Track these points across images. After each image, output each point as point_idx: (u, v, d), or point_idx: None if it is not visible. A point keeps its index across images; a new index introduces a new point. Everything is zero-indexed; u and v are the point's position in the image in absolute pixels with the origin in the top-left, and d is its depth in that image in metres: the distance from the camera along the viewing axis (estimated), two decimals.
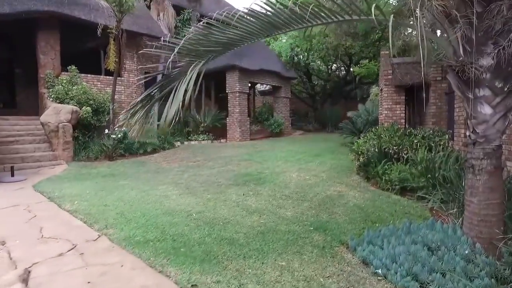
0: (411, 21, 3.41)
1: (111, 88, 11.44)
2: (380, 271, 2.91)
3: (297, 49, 16.21)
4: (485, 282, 2.47)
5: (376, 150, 6.64)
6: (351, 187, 6.11)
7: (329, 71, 20.71)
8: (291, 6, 2.71)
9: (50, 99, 9.81)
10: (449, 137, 6.79)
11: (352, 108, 12.51)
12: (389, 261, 2.92)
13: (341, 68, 21.16)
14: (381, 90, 9.73)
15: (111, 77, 11.16)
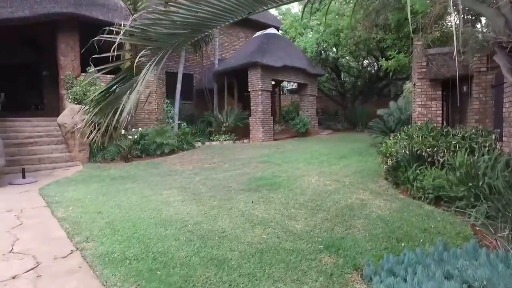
0: None
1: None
2: None
3: (323, 44, 15.32)
4: None
5: (407, 152, 5.78)
6: (376, 194, 5.33)
7: (360, 67, 19.55)
8: None
9: (69, 100, 9.78)
10: (497, 138, 5.76)
11: (385, 106, 11.52)
12: None
13: (373, 64, 19.92)
14: (414, 85, 8.74)
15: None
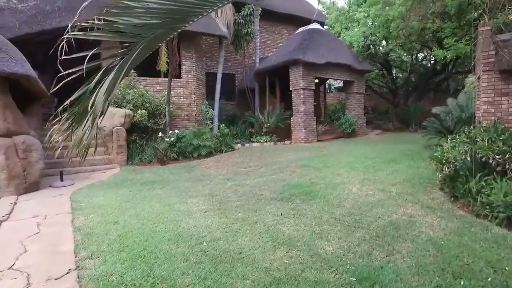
0: None
1: (172, 90, 11.33)
2: None
3: (371, 37, 14.16)
4: None
5: (468, 158, 4.84)
6: (428, 209, 4.48)
7: (413, 61, 17.90)
8: None
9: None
10: None
11: (443, 104, 10.22)
12: None
13: (429, 57, 18.16)
14: (479, 78, 7.50)
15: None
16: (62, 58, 2.03)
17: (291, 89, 13.16)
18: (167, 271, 2.96)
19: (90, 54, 1.86)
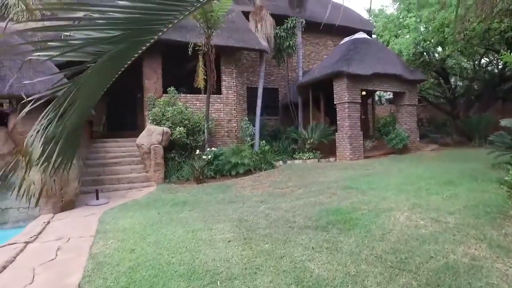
0: None
1: (211, 107, 11.26)
2: None
3: (423, 43, 12.97)
4: None
5: None
6: (499, 250, 3.59)
7: (476, 67, 16.15)
8: None
9: (149, 121, 10.10)
10: None
11: None
12: None
13: (495, 62, 16.28)
14: None
15: (211, 95, 10.83)
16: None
17: (335, 102, 12.45)
18: None
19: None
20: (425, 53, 13.80)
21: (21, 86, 6.66)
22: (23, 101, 1.77)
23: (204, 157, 9.54)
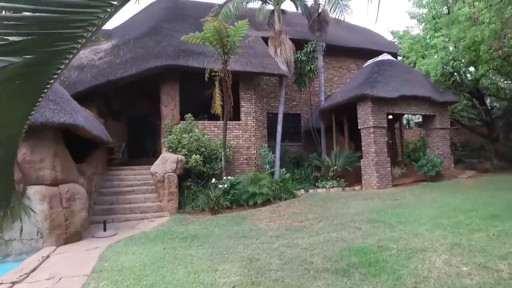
0: None
1: (230, 133, 10.93)
2: None
3: (453, 63, 12.18)
4: None
5: None
6: None
7: None
8: None
9: (164, 148, 9.87)
10: None
11: None
12: None
13: None
14: None
15: (229, 122, 10.51)
16: None
17: (359, 127, 11.78)
18: None
19: None
20: (455, 73, 12.98)
21: None
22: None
23: (220, 186, 9.09)
